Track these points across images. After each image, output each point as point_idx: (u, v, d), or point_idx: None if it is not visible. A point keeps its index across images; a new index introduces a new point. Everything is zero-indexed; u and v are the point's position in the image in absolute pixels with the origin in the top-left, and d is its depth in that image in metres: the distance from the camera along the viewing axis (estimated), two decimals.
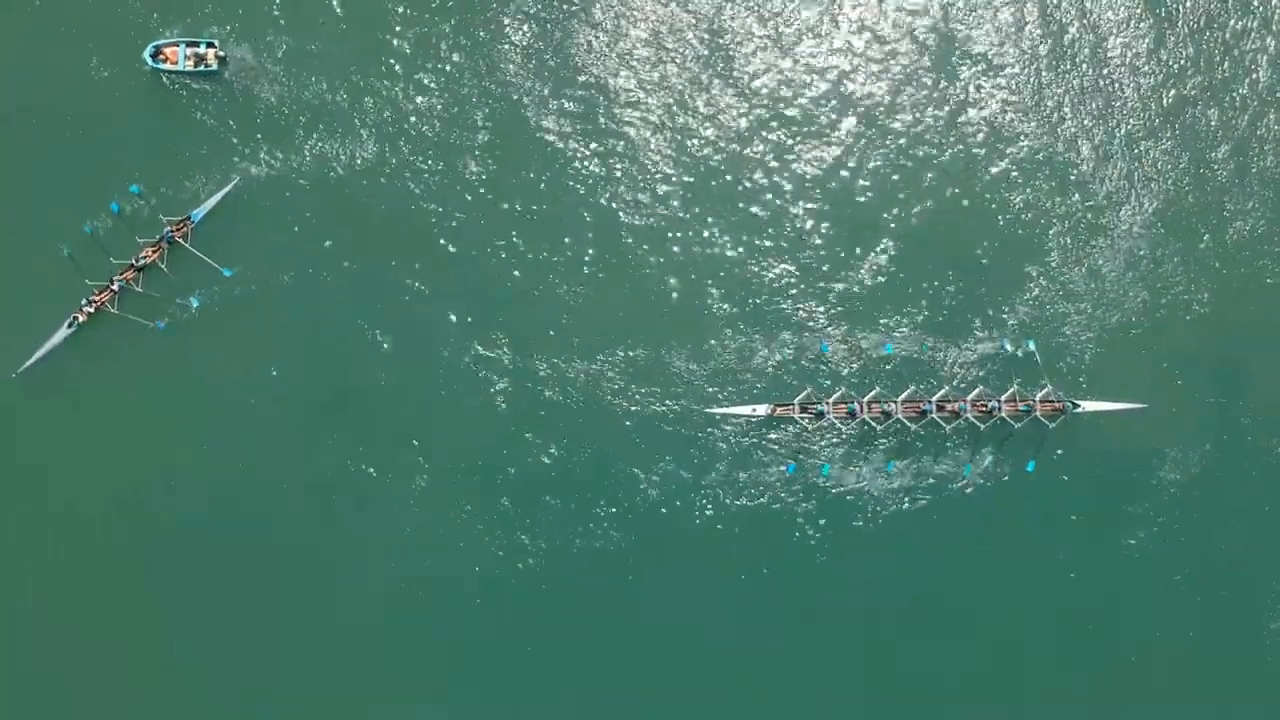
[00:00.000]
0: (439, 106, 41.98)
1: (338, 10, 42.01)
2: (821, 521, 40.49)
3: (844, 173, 42.12)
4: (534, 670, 39.80)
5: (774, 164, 42.16)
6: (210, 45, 40.94)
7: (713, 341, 41.28)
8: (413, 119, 41.83)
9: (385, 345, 40.79)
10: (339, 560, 39.88)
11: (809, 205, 41.97)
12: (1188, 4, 42.95)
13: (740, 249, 41.85)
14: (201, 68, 40.82)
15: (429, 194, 41.60)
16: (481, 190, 41.69)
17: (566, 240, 41.65)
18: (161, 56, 40.89)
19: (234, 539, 39.73)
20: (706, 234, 41.94)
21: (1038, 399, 39.69)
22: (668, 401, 40.89)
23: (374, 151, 41.55)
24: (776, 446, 40.89)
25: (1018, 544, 40.80)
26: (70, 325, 39.69)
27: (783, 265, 41.75)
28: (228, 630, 39.36)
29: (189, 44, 40.89)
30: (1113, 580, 40.68)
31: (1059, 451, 40.47)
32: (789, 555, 40.35)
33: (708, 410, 40.73)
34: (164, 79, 40.93)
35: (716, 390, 40.97)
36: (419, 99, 41.91)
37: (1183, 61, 42.82)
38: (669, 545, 40.34)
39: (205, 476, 39.93)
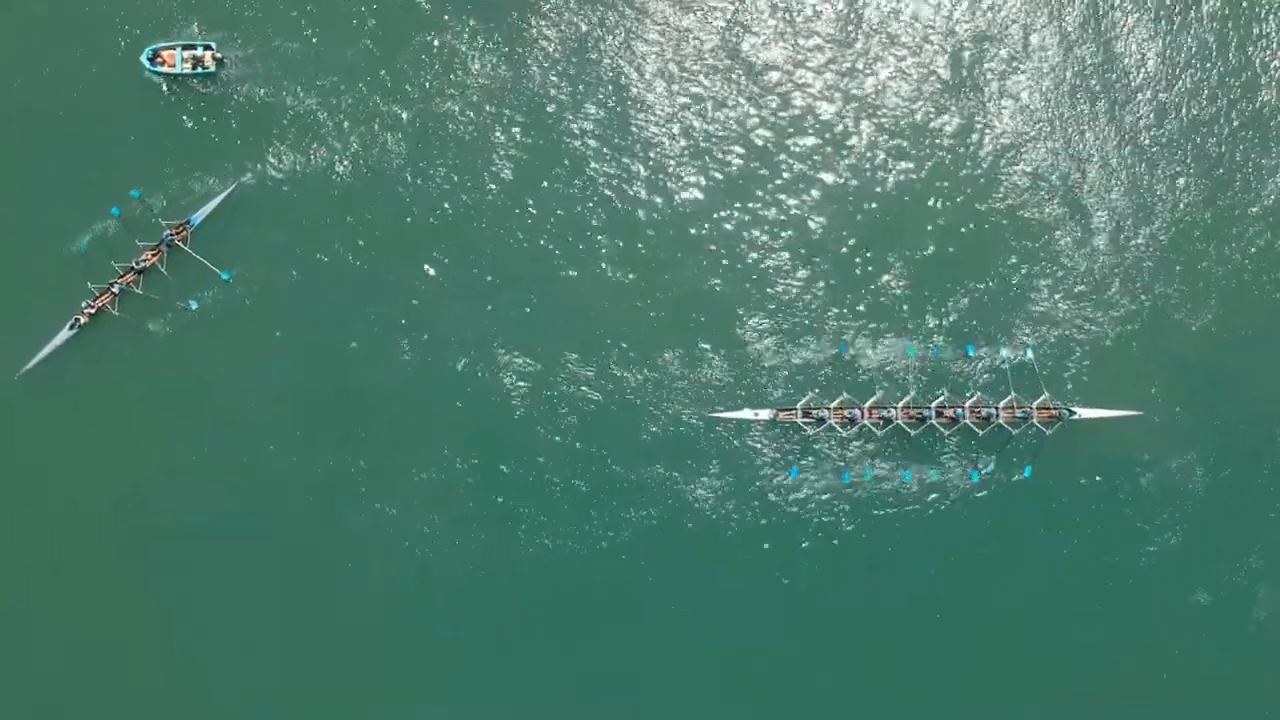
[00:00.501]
0: (440, 109, 42.06)
1: (336, 12, 42.16)
2: (822, 524, 40.47)
3: (849, 186, 42.29)
4: (535, 671, 39.86)
5: (781, 175, 42.29)
6: (207, 47, 41.05)
7: (716, 346, 41.30)
8: (411, 122, 41.96)
9: (384, 347, 40.93)
10: (339, 560, 39.96)
11: (815, 216, 42.07)
12: (1188, 36, 43.24)
13: (744, 256, 41.92)
14: (199, 70, 40.93)
15: (428, 196, 41.67)
16: (483, 193, 41.77)
17: (570, 242, 41.73)
18: (159, 60, 41.01)
19: (234, 539, 39.79)
20: (710, 239, 42.00)
21: (1035, 406, 39.78)
22: (670, 404, 40.92)
23: (374, 154, 41.64)
24: (778, 451, 40.91)
25: (1016, 547, 40.80)
26: (72, 327, 39.94)
27: (787, 273, 41.81)
28: (228, 630, 39.47)
29: (185, 47, 41.04)
30: (1109, 584, 40.68)
31: (1056, 457, 40.55)
32: (789, 557, 40.35)
33: (710, 414, 40.76)
34: (162, 82, 41.13)
35: (718, 394, 40.99)
36: (419, 102, 42.03)
37: (1187, 85, 43.09)
38: (670, 547, 40.32)
39: (205, 476, 40.04)
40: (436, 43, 42.25)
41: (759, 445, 40.91)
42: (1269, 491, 41.25)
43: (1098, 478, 40.93)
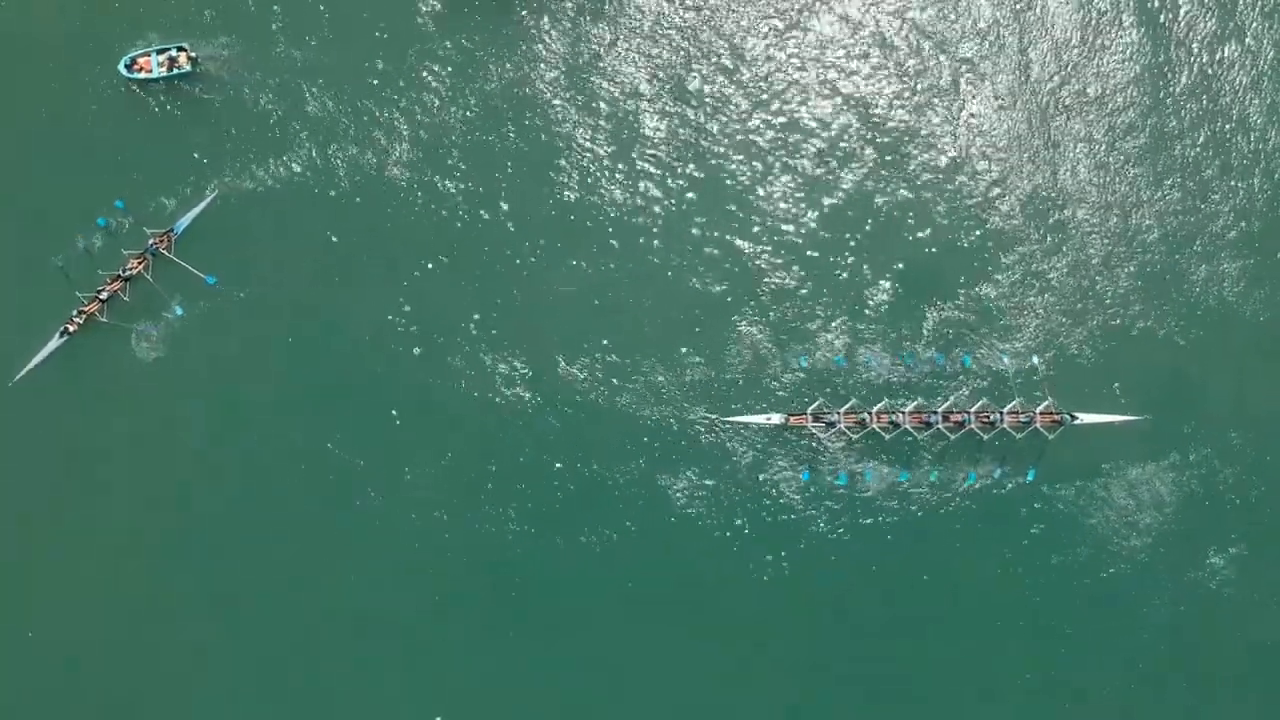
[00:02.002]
0: (427, 109, 41.80)
1: (324, 14, 41.96)
2: (832, 526, 40.29)
3: (855, 196, 41.99)
4: (536, 671, 40.13)
5: (789, 183, 41.96)
6: (181, 49, 40.95)
7: (730, 350, 41.06)
8: (398, 123, 41.77)
9: (373, 348, 40.90)
10: (335, 563, 40.31)
11: (824, 225, 41.78)
12: (1178, 57, 42.88)
13: (755, 261, 41.57)
14: (175, 71, 40.85)
15: (416, 197, 41.45)
16: (477, 193, 41.54)
17: (577, 246, 41.48)
18: (137, 67, 41.07)
19: (226, 541, 40.32)
20: (721, 244, 41.62)
21: (1038, 411, 39.67)
22: (682, 407, 40.72)
23: (357, 155, 41.52)
24: (790, 454, 40.76)
25: (1018, 547, 40.43)
26: (62, 335, 40.53)
27: (795, 281, 41.46)
28: (226, 633, 40.24)
29: (160, 50, 40.99)
30: (1110, 584, 40.34)
31: (1058, 460, 40.15)
32: (800, 559, 40.23)
33: (724, 418, 40.61)
34: (141, 90, 41.27)
35: (732, 398, 40.76)
36: (404, 104, 41.79)
37: (1187, 105, 42.70)
38: (682, 549, 40.32)
39: (196, 478, 40.63)
40: (422, 48, 41.93)
41: (770, 448, 40.75)
42: (1268, 494, 40.70)
43: (1099, 481, 40.69)
